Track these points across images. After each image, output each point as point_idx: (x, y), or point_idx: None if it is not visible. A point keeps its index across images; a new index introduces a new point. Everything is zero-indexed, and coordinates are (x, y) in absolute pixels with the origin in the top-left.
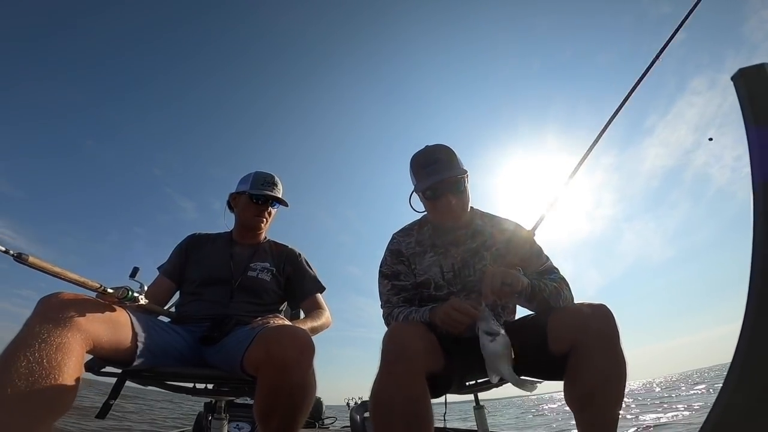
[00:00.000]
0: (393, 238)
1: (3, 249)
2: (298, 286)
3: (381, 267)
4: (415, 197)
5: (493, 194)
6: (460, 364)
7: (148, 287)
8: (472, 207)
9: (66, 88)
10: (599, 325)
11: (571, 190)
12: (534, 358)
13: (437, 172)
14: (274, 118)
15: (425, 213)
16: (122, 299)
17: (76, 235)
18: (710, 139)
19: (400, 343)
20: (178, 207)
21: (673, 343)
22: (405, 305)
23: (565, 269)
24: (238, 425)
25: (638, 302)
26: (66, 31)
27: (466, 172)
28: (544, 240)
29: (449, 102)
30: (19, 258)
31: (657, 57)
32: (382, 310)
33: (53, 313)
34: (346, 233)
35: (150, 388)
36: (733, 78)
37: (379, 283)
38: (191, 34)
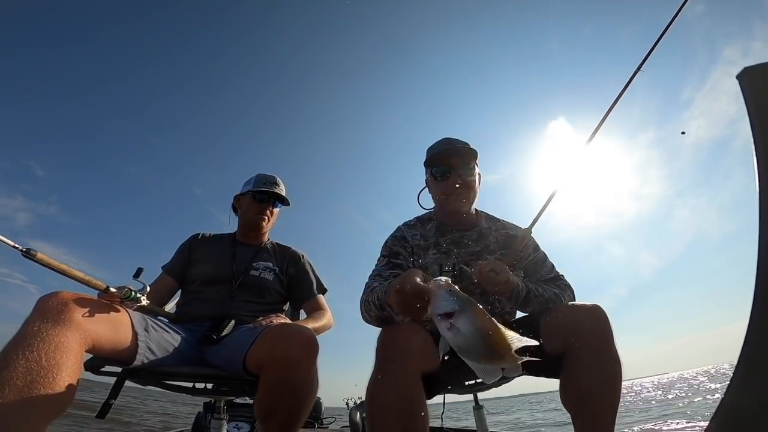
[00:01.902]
0: (399, 227)
1: (12, 244)
2: (300, 287)
3: (382, 251)
4: (424, 193)
5: (522, 188)
6: (456, 364)
7: (151, 285)
8: (477, 210)
9: (106, 118)
10: (593, 326)
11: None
12: (528, 355)
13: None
14: (305, 126)
15: (430, 211)
16: (124, 299)
17: (133, 257)
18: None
19: (395, 342)
20: (221, 223)
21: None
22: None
23: (614, 254)
24: (237, 425)
25: (704, 281)
26: (98, 66)
27: (476, 151)
28: (577, 228)
29: (473, 95)
30: (28, 254)
31: (665, 30)
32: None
33: (52, 312)
34: (383, 235)
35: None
36: (738, 77)
37: (375, 264)
38: (212, 50)
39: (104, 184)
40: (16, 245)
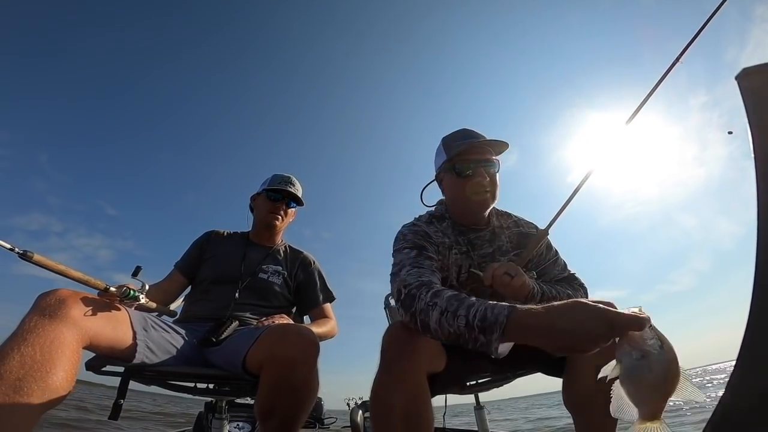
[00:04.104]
0: (415, 222)
1: (8, 246)
2: (307, 293)
3: (398, 244)
4: (429, 190)
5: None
6: (460, 363)
7: (162, 280)
8: (492, 215)
9: (158, 151)
10: None
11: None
12: (533, 352)
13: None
14: (345, 137)
15: (439, 208)
16: (123, 298)
17: None
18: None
19: (402, 341)
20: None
21: None
22: (438, 276)
23: (687, 225)
24: (238, 425)
25: None
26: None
27: (507, 144)
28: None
29: (498, 84)
30: (24, 256)
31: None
32: (401, 275)
33: (50, 308)
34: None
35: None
36: (737, 77)
37: (395, 256)
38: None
39: (168, 215)
40: (14, 248)
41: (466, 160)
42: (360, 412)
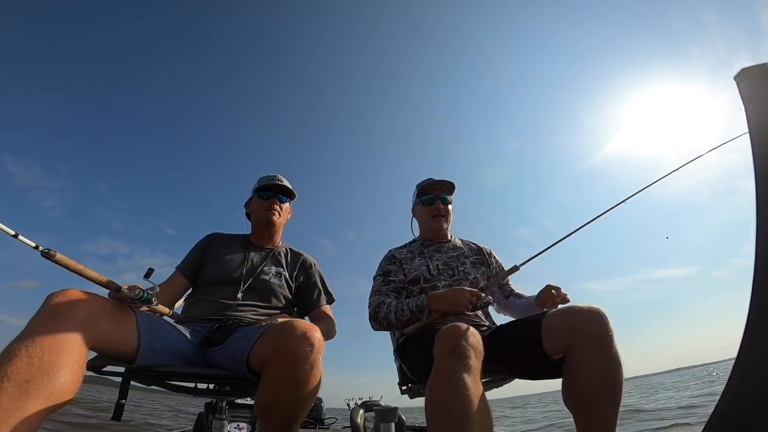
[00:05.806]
0: (389, 250)
1: (32, 244)
2: (308, 295)
3: (377, 271)
4: (415, 224)
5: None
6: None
7: (164, 283)
8: (452, 235)
9: (202, 170)
10: (593, 327)
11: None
12: (529, 356)
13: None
14: (370, 135)
15: (415, 237)
16: (135, 299)
17: None
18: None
19: (473, 339)
20: (319, 245)
21: None
22: (394, 295)
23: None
24: (238, 426)
25: None
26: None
27: (455, 186)
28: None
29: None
30: (47, 254)
31: None
32: (369, 301)
33: (59, 308)
34: None
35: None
36: (735, 77)
37: (373, 279)
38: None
39: (218, 229)
40: (38, 246)
41: (428, 192)
42: (360, 412)
